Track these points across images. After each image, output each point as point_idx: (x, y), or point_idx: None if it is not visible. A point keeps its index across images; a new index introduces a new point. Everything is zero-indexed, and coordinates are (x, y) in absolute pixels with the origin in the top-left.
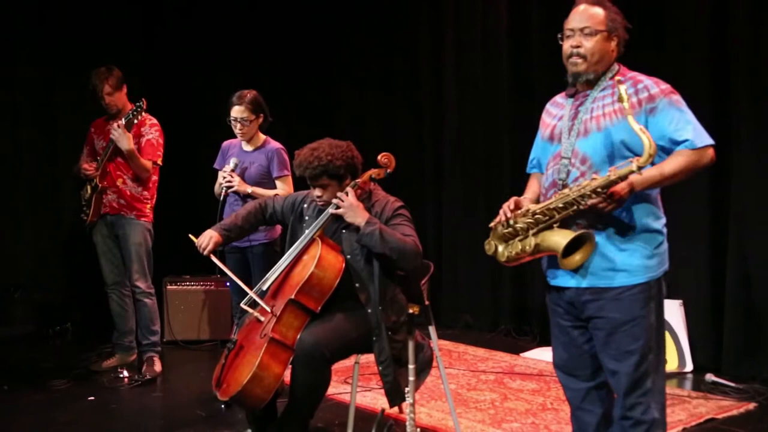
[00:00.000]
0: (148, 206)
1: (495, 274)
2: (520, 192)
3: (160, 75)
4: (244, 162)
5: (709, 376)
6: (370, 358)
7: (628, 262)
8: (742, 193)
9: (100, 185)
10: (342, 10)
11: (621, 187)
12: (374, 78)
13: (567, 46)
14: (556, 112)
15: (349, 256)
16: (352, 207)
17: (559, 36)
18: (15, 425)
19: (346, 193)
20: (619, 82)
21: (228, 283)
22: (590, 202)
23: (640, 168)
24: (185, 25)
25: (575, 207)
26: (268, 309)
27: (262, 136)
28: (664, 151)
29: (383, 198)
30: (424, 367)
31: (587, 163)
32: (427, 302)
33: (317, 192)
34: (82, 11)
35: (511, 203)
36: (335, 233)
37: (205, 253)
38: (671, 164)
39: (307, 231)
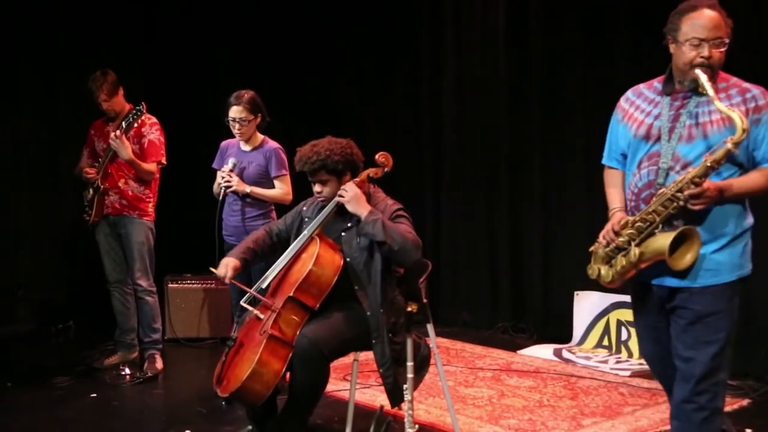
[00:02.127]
0: (150, 205)
1: (493, 272)
2: (519, 192)
3: (160, 75)
4: (243, 162)
5: None
6: (369, 355)
7: (721, 260)
8: None
9: (101, 187)
10: (341, 10)
11: (712, 188)
12: (373, 78)
13: (694, 54)
14: (648, 108)
15: (348, 259)
16: (355, 197)
17: (671, 36)
18: (18, 422)
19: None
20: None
21: (227, 283)
22: (687, 192)
23: (735, 144)
24: (186, 25)
25: (675, 204)
26: (269, 306)
27: (260, 136)
28: (755, 161)
29: (383, 200)
30: (423, 365)
31: (688, 169)
32: (425, 300)
33: (317, 188)
34: (82, 11)
35: (615, 225)
36: (335, 237)
37: (227, 281)
38: (757, 177)
39: (306, 229)
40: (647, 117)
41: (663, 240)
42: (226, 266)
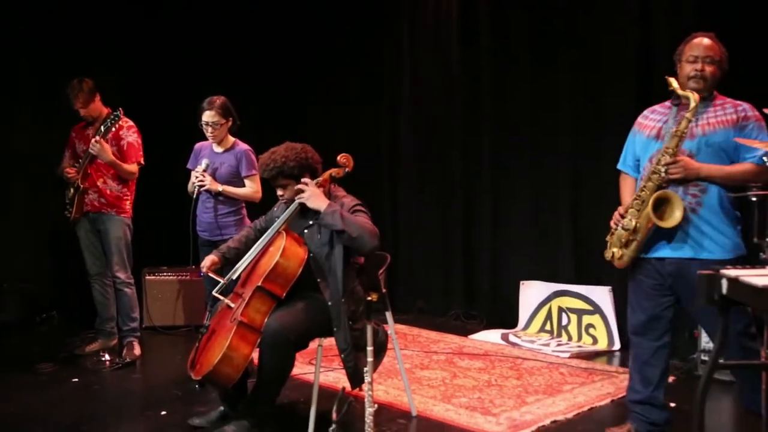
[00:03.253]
0: (128, 203)
1: (446, 264)
2: (471, 190)
3: (139, 80)
4: (215, 162)
5: None
6: (332, 341)
7: (721, 240)
8: None
9: (81, 186)
10: (311, 25)
11: (686, 159)
12: (337, 85)
13: (690, 68)
14: (659, 117)
15: (311, 254)
16: (313, 193)
17: (677, 59)
18: (5, 405)
19: (306, 183)
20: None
21: (201, 274)
22: (663, 162)
23: (689, 120)
24: (163, 33)
25: (657, 175)
26: (239, 295)
27: (232, 139)
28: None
29: (342, 197)
30: (381, 350)
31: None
32: (384, 290)
33: (279, 191)
34: (66, 19)
35: (620, 210)
36: (298, 233)
37: (204, 270)
38: (736, 166)
39: (273, 226)
40: (657, 123)
41: (649, 208)
42: (208, 260)
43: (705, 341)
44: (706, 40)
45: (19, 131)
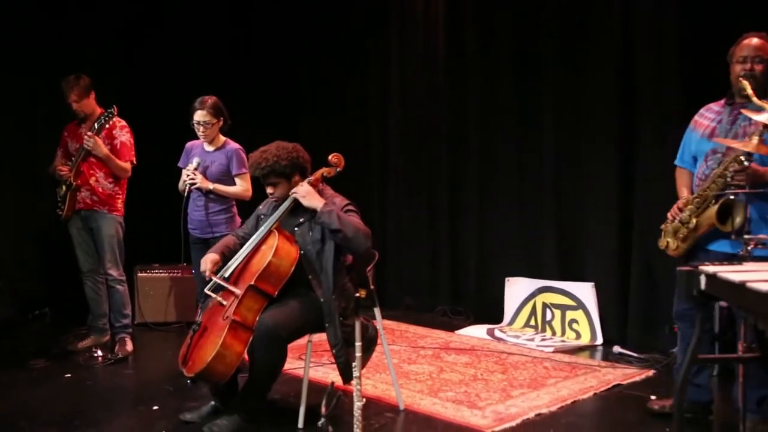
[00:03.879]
0: (119, 201)
1: (433, 262)
2: (457, 189)
3: (133, 80)
4: (206, 161)
5: (616, 348)
6: (321, 336)
7: (761, 227)
8: (644, 196)
9: (74, 184)
10: (303, 28)
11: (752, 167)
12: (328, 87)
13: (740, 67)
14: (713, 116)
15: (302, 252)
16: (309, 193)
17: (729, 60)
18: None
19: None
20: None
21: (193, 271)
22: (732, 169)
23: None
24: (158, 35)
25: (723, 180)
26: (233, 291)
27: (222, 138)
28: None
29: (332, 197)
30: (370, 345)
31: (730, 157)
32: (372, 287)
33: (269, 190)
34: (62, 19)
35: (680, 203)
36: (289, 231)
37: (208, 275)
38: None
39: (265, 224)
40: (711, 122)
41: (712, 210)
42: (209, 262)
43: None
44: (755, 40)
45: (9, 130)
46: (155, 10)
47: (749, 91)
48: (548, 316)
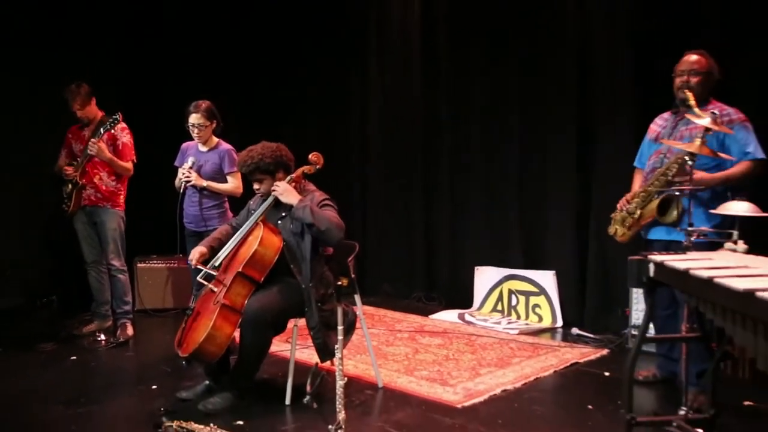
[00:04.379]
0: (121, 197)
1: (409, 252)
2: (431, 186)
3: (131, 84)
4: (200, 160)
5: (574, 330)
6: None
7: (702, 221)
8: (599, 193)
9: (79, 182)
10: (288, 36)
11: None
12: (312, 93)
13: (680, 80)
14: (662, 123)
15: (285, 242)
16: (287, 190)
17: (673, 75)
18: (9, 381)
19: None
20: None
21: (188, 261)
22: (673, 168)
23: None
24: (155, 41)
25: (665, 178)
26: (221, 280)
27: (215, 139)
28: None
29: (312, 192)
30: (351, 329)
31: (672, 157)
32: (353, 276)
33: (255, 185)
34: (63, 21)
35: (628, 196)
36: (273, 224)
37: (194, 264)
38: (732, 169)
39: (251, 217)
40: (659, 128)
41: (654, 204)
42: (196, 253)
43: (635, 318)
44: (693, 57)
45: (14, 130)
46: (150, 20)
47: (692, 101)
48: (513, 302)
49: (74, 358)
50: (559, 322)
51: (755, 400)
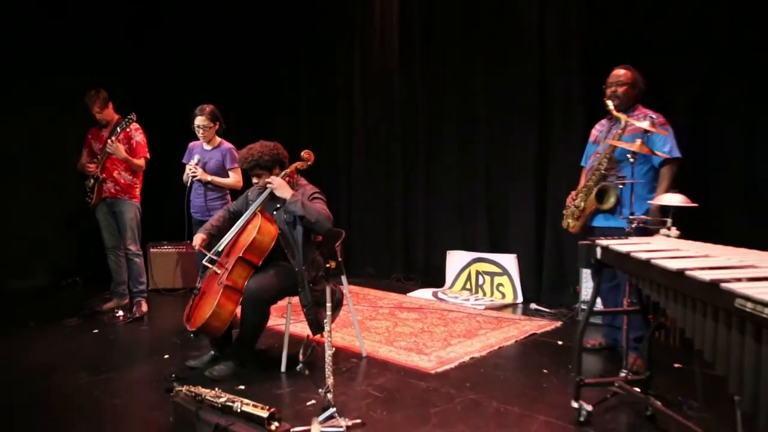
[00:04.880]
0: (137, 190)
1: (389, 238)
2: (409, 181)
3: (144, 90)
4: (205, 158)
5: (533, 305)
6: (298, 299)
7: (640, 209)
8: (554, 188)
9: (100, 177)
10: (281, 47)
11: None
12: (303, 98)
13: (608, 91)
14: (600, 128)
15: (280, 230)
16: (280, 185)
17: (604, 87)
18: (40, 351)
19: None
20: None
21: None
22: (604, 165)
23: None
24: (165, 50)
25: (599, 172)
26: (224, 264)
27: (218, 139)
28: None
29: (304, 186)
30: (338, 306)
31: (601, 154)
32: (340, 259)
33: (254, 179)
34: (81, 34)
35: (573, 194)
36: (270, 214)
37: (197, 248)
38: (663, 182)
39: (250, 208)
40: (597, 132)
41: (593, 195)
42: (198, 239)
43: (584, 295)
44: (619, 71)
45: (45, 133)
46: (160, 32)
47: (611, 107)
48: (480, 281)
49: (96, 331)
50: (520, 299)
51: (683, 362)
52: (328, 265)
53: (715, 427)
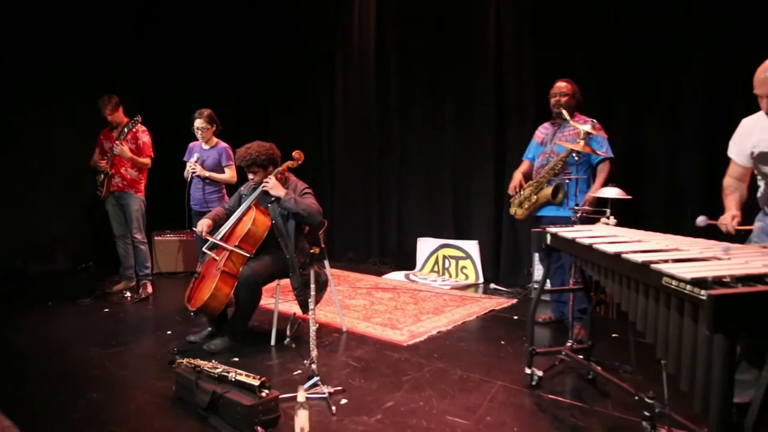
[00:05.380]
0: (142, 185)
1: (367, 226)
2: (384, 175)
3: (151, 96)
4: (203, 156)
5: (492, 285)
6: (286, 281)
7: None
8: (510, 177)
9: (110, 173)
10: (272, 58)
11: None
12: (294, 103)
13: (552, 101)
14: (545, 131)
15: (274, 222)
16: (275, 185)
17: (549, 96)
18: (57, 328)
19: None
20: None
21: (194, 235)
22: (558, 166)
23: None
24: (169, 61)
25: (553, 171)
26: (223, 249)
27: (215, 139)
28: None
29: (295, 182)
30: (323, 287)
31: (557, 156)
32: (323, 245)
33: (250, 176)
34: (89, 45)
35: (517, 184)
36: (264, 207)
37: (204, 235)
38: (600, 177)
39: (245, 202)
40: (542, 134)
41: (548, 190)
42: (204, 224)
43: (536, 275)
44: (561, 83)
45: (61, 130)
46: (162, 44)
47: (567, 116)
48: (447, 264)
49: (107, 310)
50: (481, 279)
51: (620, 333)
52: (312, 251)
53: (645, 386)
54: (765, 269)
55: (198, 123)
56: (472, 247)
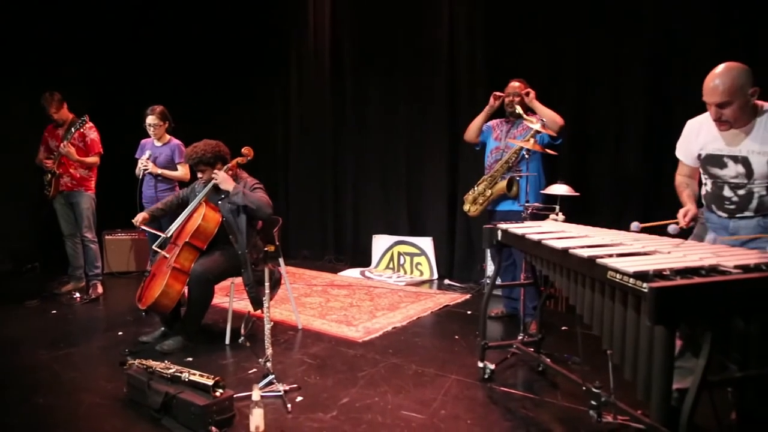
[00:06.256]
0: (92, 182)
1: (322, 224)
2: (339, 175)
3: (101, 93)
4: (155, 153)
5: (446, 281)
6: (240, 279)
7: (533, 198)
8: (463, 177)
9: (57, 172)
10: (229, 53)
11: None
12: (246, 100)
13: (507, 100)
14: (501, 127)
15: (224, 218)
16: (224, 179)
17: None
18: (2, 330)
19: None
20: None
21: (147, 234)
22: (512, 160)
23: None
24: (119, 56)
25: (507, 165)
26: (172, 248)
27: (168, 136)
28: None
29: (245, 178)
30: (276, 285)
31: (511, 150)
32: (278, 243)
33: (199, 174)
34: (43, 40)
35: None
36: (215, 203)
37: (138, 225)
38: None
39: (195, 198)
40: (499, 131)
41: (502, 184)
42: (141, 216)
43: (489, 271)
44: (515, 83)
45: (5, 130)
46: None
47: (520, 111)
48: (401, 261)
49: (54, 311)
50: (435, 276)
51: (568, 325)
52: (267, 249)
53: (592, 377)
54: (701, 262)
55: (150, 119)
56: (426, 243)
